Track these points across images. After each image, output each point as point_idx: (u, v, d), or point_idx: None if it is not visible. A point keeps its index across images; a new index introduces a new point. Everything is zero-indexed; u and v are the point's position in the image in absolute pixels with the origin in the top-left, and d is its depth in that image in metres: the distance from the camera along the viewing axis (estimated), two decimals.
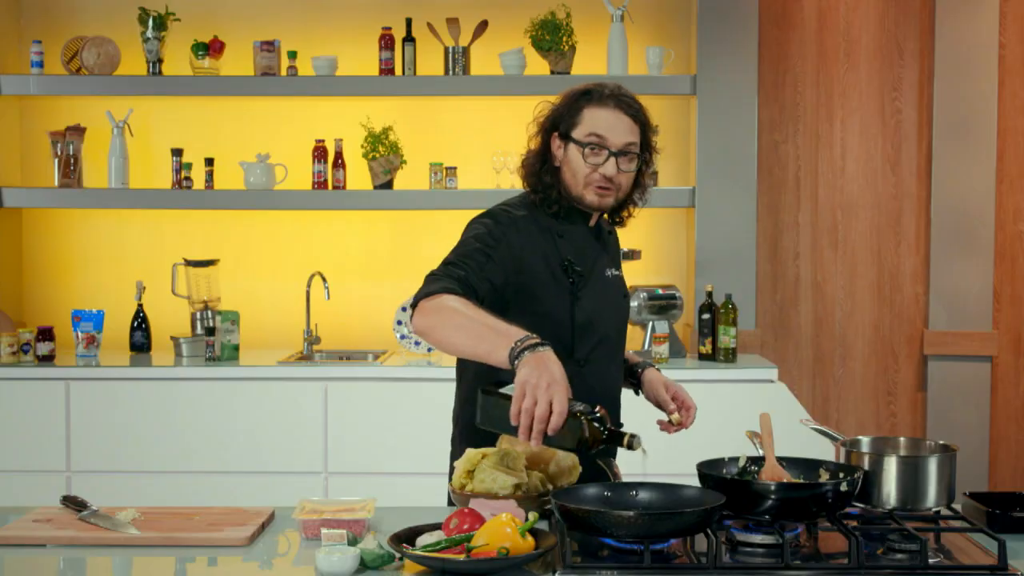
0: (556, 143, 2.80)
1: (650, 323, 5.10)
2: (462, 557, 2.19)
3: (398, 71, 5.32)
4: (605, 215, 2.91)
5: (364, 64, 5.40)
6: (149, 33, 5.26)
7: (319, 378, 4.85)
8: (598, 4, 5.36)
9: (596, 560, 2.32)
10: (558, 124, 2.80)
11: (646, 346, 5.08)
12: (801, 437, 4.69)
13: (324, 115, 5.46)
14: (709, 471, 2.52)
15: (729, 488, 2.42)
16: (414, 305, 2.58)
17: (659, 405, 2.94)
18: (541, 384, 2.30)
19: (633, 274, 5.31)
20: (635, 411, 2.98)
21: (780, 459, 2.61)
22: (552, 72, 5.28)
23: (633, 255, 5.14)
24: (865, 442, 2.68)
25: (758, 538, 2.41)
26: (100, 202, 5.31)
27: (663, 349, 4.97)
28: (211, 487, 4.78)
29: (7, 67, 5.35)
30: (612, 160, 2.73)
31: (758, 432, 2.68)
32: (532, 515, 2.25)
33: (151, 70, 5.29)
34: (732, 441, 4.69)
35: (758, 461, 2.61)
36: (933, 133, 5.32)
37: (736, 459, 2.62)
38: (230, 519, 2.59)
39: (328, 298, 5.26)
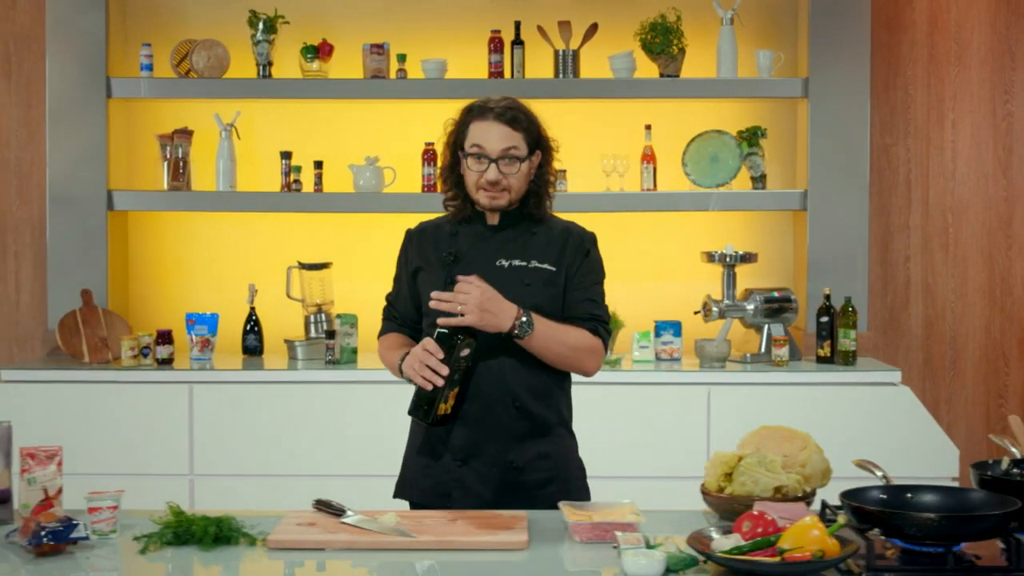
0: (460, 155, 3.13)
1: (766, 326, 5.10)
2: (776, 560, 2.18)
3: (507, 74, 5.30)
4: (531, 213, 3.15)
5: (473, 67, 5.38)
6: (259, 36, 5.23)
7: None
8: (707, 7, 5.37)
9: (885, 561, 2.32)
10: (456, 138, 3.14)
11: (763, 349, 5.08)
12: (930, 441, 4.70)
13: (433, 118, 5.39)
14: (981, 473, 2.52)
15: (1011, 491, 2.42)
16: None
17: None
18: (408, 361, 3.00)
19: (746, 277, 5.31)
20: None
21: None
22: (661, 75, 5.28)
23: (749, 258, 5.14)
24: None
25: None
26: (211, 205, 5.28)
27: (783, 352, 4.95)
28: (334, 490, 4.70)
29: (116, 70, 5.31)
30: (493, 166, 3.02)
31: (1009, 434, 2.68)
32: (841, 517, 2.25)
33: (260, 73, 5.26)
34: (853, 442, 4.69)
35: (1020, 464, 2.61)
36: None
37: (999, 462, 2.62)
38: (491, 523, 2.58)
39: None
